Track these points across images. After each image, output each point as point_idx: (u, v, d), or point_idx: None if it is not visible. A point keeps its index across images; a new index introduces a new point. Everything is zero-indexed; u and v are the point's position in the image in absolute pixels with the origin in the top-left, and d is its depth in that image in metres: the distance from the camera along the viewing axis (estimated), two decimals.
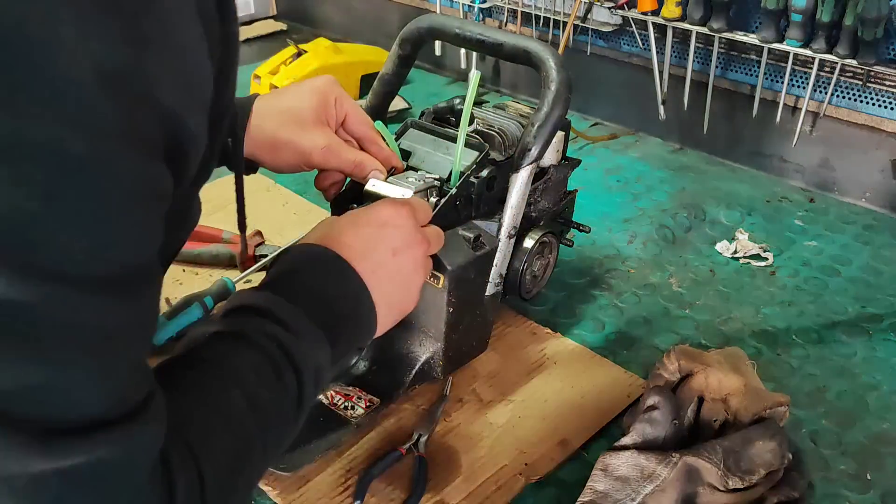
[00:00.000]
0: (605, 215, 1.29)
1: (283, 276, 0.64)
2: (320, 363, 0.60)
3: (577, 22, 1.53)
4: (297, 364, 0.57)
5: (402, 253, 0.70)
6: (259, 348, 0.56)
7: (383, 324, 0.69)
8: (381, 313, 0.68)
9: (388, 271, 0.68)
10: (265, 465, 0.57)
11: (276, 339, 0.57)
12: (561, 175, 0.99)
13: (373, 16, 2.02)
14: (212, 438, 0.51)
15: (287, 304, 0.60)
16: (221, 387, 0.54)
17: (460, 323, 0.87)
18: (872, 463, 0.84)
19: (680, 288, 1.12)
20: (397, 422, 0.87)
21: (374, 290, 0.66)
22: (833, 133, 1.35)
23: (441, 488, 0.79)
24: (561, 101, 0.85)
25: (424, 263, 0.73)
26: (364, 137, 0.87)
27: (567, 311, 1.07)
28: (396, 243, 0.69)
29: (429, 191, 0.84)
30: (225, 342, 0.57)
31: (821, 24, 1.22)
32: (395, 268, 0.69)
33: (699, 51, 1.42)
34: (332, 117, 0.86)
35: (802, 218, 1.30)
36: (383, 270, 0.68)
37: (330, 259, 0.65)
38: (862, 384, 0.95)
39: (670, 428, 0.78)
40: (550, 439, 0.86)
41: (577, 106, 1.64)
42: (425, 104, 1.00)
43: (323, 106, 0.85)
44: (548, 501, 0.80)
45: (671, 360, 0.86)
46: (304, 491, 0.79)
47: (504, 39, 0.88)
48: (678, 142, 1.54)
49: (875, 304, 1.09)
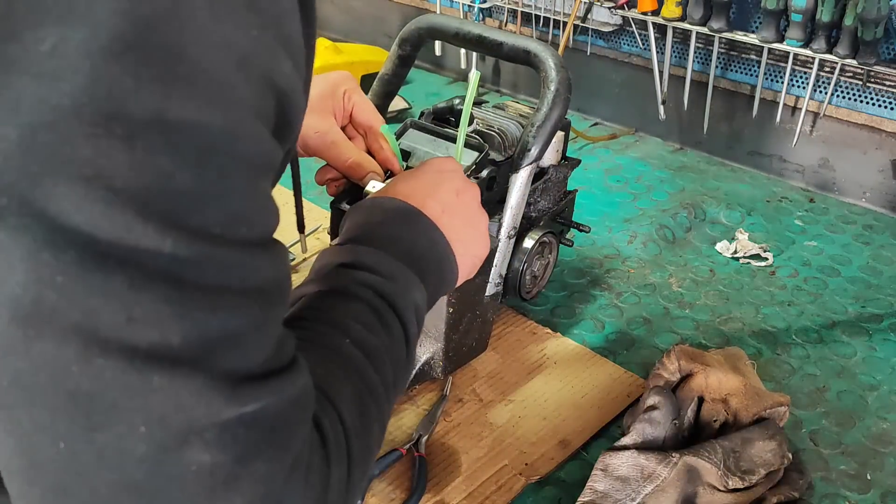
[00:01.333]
0: (605, 215, 1.29)
1: (356, 228, 0.65)
2: (417, 301, 0.62)
3: (577, 22, 1.53)
4: (397, 306, 0.59)
5: (464, 192, 0.71)
6: (357, 299, 0.58)
7: (463, 265, 0.70)
8: (458, 252, 0.68)
9: (455, 211, 0.69)
10: (390, 404, 0.59)
11: (372, 287, 0.59)
12: (561, 175, 0.99)
13: (373, 16, 2.02)
14: (338, 385, 0.53)
15: (371, 251, 0.61)
16: (331, 341, 0.55)
17: (460, 323, 0.87)
18: (872, 463, 0.85)
19: (680, 288, 1.12)
20: (397, 422, 0.87)
21: (446, 230, 0.67)
22: (833, 133, 1.35)
23: (441, 488, 0.79)
24: (561, 101, 0.85)
25: (480, 203, 0.74)
26: (369, 131, 0.87)
27: (567, 311, 1.07)
28: (458, 184, 0.71)
29: None
30: (323, 300, 0.59)
31: (821, 24, 1.22)
32: (462, 207, 0.70)
33: (699, 51, 1.42)
34: (340, 108, 0.86)
35: (802, 218, 1.30)
36: (452, 210, 0.69)
37: (397, 205, 0.67)
38: (862, 384, 0.95)
39: (670, 428, 0.78)
40: (550, 439, 0.86)
41: (577, 106, 1.64)
42: (425, 104, 1.00)
43: (330, 95, 0.85)
44: (548, 501, 0.80)
45: (671, 360, 0.86)
46: None
47: (504, 39, 0.88)
48: (678, 142, 1.54)
49: (875, 304, 1.09)
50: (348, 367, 0.55)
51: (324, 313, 0.57)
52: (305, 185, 1.35)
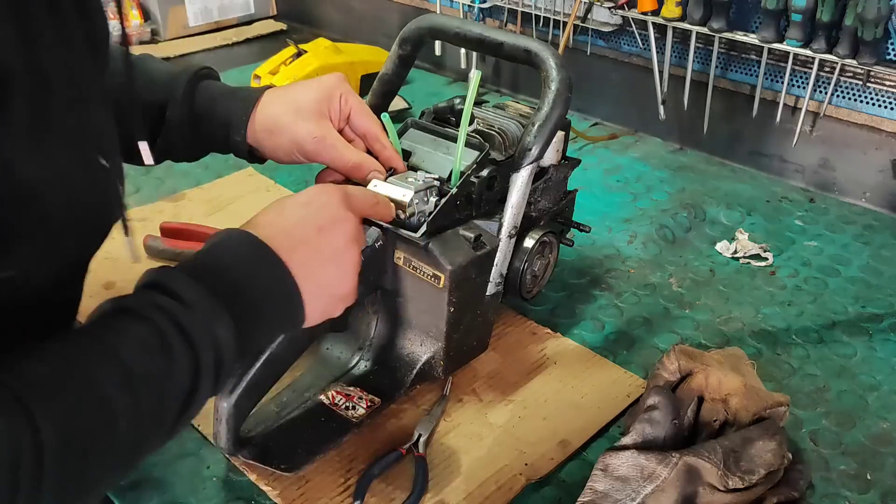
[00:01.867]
0: (605, 215, 1.29)
1: (195, 254, 0.64)
2: (219, 336, 0.58)
3: (577, 22, 1.53)
4: (191, 335, 0.56)
5: (329, 229, 0.68)
6: (144, 319, 0.55)
7: (315, 306, 0.67)
8: (309, 291, 0.65)
9: (314, 248, 0.66)
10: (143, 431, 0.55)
11: (166, 311, 0.56)
12: (561, 175, 0.99)
13: (373, 16, 2.02)
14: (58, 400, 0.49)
15: (183, 277, 0.59)
16: (91, 359, 0.53)
17: (461, 323, 0.87)
18: (872, 463, 0.85)
19: (680, 288, 1.12)
20: (397, 422, 0.87)
21: (297, 268, 0.64)
22: (833, 133, 1.35)
23: (441, 488, 0.79)
24: (561, 100, 0.85)
25: (356, 238, 0.71)
26: (368, 134, 0.87)
27: (567, 311, 1.07)
28: (323, 220, 0.68)
29: (429, 191, 0.84)
30: (112, 316, 0.56)
31: (821, 24, 1.22)
32: (323, 244, 0.67)
33: (699, 51, 1.42)
34: (336, 111, 0.86)
35: (802, 218, 1.30)
36: (308, 248, 0.66)
37: (242, 238, 0.64)
38: (862, 384, 0.95)
39: (670, 428, 0.78)
40: (550, 439, 0.86)
41: (577, 106, 1.64)
42: (425, 104, 1.00)
43: (326, 99, 0.86)
44: (548, 501, 0.80)
45: (671, 360, 0.86)
46: (304, 491, 0.79)
47: (504, 39, 0.88)
48: (678, 142, 1.54)
49: (875, 304, 1.09)
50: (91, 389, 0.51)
51: (103, 330, 0.55)
52: (304, 184, 1.35)
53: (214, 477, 0.81)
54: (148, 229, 1.15)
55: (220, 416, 0.75)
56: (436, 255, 0.81)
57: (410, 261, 0.84)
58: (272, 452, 0.79)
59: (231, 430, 0.76)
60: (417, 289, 0.85)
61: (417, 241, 0.82)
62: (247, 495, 0.79)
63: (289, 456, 0.79)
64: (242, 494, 0.79)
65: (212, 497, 0.79)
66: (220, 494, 0.79)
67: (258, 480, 0.80)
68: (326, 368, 0.90)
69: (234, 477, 0.81)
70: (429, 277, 0.83)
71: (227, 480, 0.81)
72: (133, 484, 0.80)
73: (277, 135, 0.85)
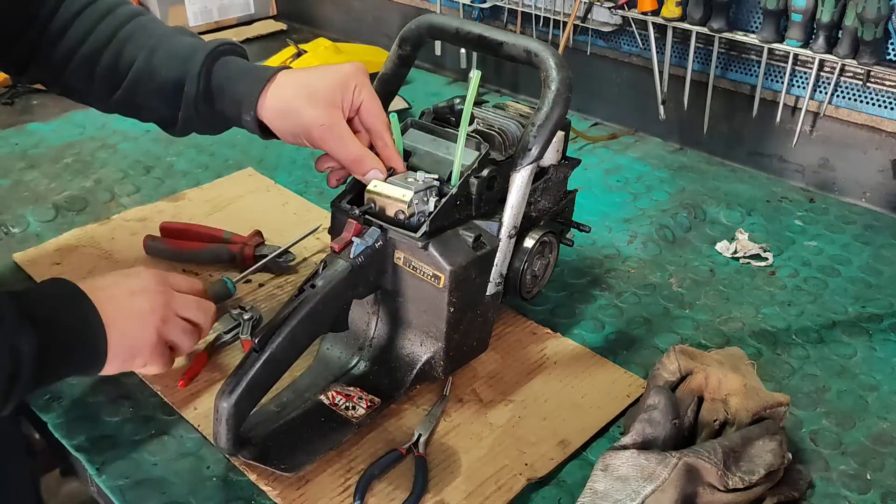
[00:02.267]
0: (605, 215, 1.29)
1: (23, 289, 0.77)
2: (21, 348, 0.68)
3: (577, 22, 1.53)
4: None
5: (139, 294, 0.81)
6: None
7: (116, 352, 0.77)
8: (113, 337, 0.76)
9: (122, 304, 0.79)
10: None
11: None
12: (561, 175, 0.99)
13: (373, 16, 2.02)
14: None
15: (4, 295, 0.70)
16: None
17: (461, 322, 0.87)
18: (872, 463, 0.85)
19: (680, 288, 1.12)
20: (397, 422, 0.87)
21: (107, 315, 0.76)
22: (833, 133, 1.35)
23: (441, 488, 0.79)
24: (561, 100, 0.85)
25: (162, 308, 0.82)
26: (373, 130, 0.87)
27: (567, 311, 1.07)
28: (135, 287, 0.81)
29: (428, 191, 0.84)
30: None
31: (821, 24, 1.22)
32: (131, 303, 0.80)
33: (699, 51, 1.42)
34: (348, 101, 0.86)
35: (802, 218, 1.30)
36: (119, 302, 0.78)
37: (63, 282, 0.77)
38: (862, 384, 0.95)
39: (670, 428, 0.78)
40: (550, 439, 0.86)
41: (577, 106, 1.64)
42: (425, 104, 1.00)
43: (340, 88, 0.85)
44: (548, 501, 0.80)
45: (671, 360, 0.86)
46: (304, 491, 0.79)
47: (504, 39, 0.88)
48: (678, 142, 1.54)
49: (875, 304, 1.09)
50: None
51: None
52: (304, 184, 1.35)
53: (214, 477, 0.81)
54: (148, 229, 1.15)
55: (220, 416, 0.75)
56: (436, 255, 0.82)
57: (410, 261, 0.84)
58: (272, 452, 0.79)
59: (231, 430, 0.76)
60: (417, 289, 0.85)
61: (417, 241, 0.82)
62: (247, 495, 0.79)
63: (289, 456, 0.79)
64: (242, 494, 0.79)
65: (212, 497, 0.79)
66: (220, 494, 0.79)
67: (258, 480, 0.80)
68: (326, 368, 0.90)
69: (234, 477, 0.81)
70: (429, 277, 0.83)
71: (227, 480, 0.81)
72: (133, 484, 0.80)
73: (286, 117, 0.86)
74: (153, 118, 0.94)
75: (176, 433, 0.86)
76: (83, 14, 0.91)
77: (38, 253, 1.14)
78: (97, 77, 0.91)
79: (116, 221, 1.21)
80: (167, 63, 0.88)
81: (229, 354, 0.96)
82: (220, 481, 0.81)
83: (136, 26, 0.92)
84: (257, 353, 0.76)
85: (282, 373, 0.80)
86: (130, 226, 1.20)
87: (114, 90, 0.91)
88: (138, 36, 0.91)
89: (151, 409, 0.89)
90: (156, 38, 0.91)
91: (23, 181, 1.34)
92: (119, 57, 0.90)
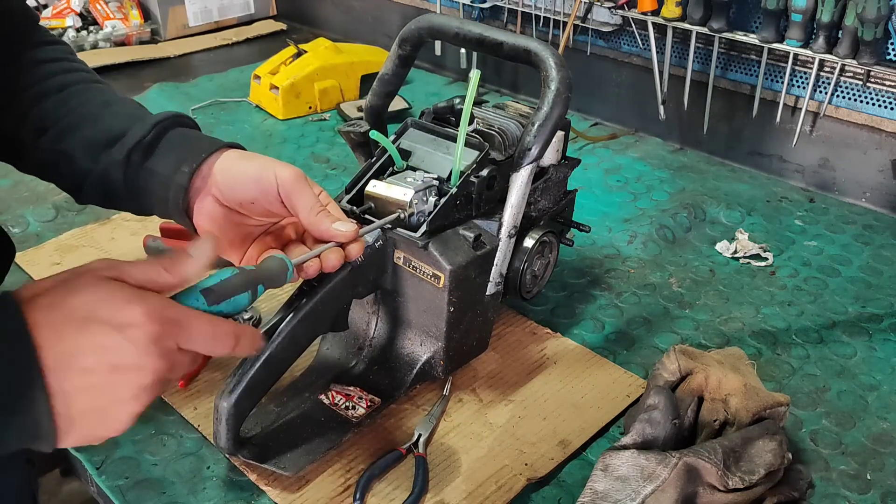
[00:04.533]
0: (605, 215, 1.29)
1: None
2: None
3: (577, 22, 1.53)
4: None
5: (124, 373, 0.54)
6: None
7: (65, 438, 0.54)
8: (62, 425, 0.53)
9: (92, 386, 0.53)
10: None
11: None
12: (561, 175, 0.99)
13: (373, 16, 2.02)
14: None
15: None
16: None
17: (461, 322, 0.87)
18: (872, 463, 0.85)
19: (680, 288, 1.12)
20: (397, 422, 0.87)
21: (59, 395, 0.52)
22: (833, 133, 1.35)
23: (441, 488, 0.79)
24: (561, 100, 0.85)
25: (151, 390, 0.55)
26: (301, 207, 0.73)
27: (567, 311, 1.07)
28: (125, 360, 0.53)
29: (428, 190, 0.84)
30: None
31: (821, 24, 1.22)
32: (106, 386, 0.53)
33: (699, 51, 1.42)
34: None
35: (802, 218, 1.30)
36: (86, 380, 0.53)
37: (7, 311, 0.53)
38: (862, 384, 0.95)
39: (670, 428, 0.78)
40: (550, 439, 0.86)
41: (577, 106, 1.64)
42: (425, 104, 1.00)
43: None
44: (548, 501, 0.80)
45: (671, 360, 0.86)
46: (304, 491, 0.79)
47: (504, 39, 0.88)
48: (678, 142, 1.54)
49: (875, 304, 1.09)
50: None
51: None
52: None
53: (214, 477, 0.81)
54: (148, 229, 1.15)
55: (220, 416, 0.75)
56: (436, 255, 0.82)
57: (410, 261, 0.84)
58: (272, 452, 0.79)
59: (231, 430, 0.76)
60: (417, 288, 0.85)
61: (417, 240, 0.82)
62: (247, 495, 0.79)
63: (289, 456, 0.79)
64: (242, 494, 0.79)
65: (212, 497, 0.79)
66: (220, 494, 0.79)
67: (258, 480, 0.80)
68: (326, 368, 0.90)
69: (234, 477, 0.81)
70: (429, 277, 0.83)
71: (227, 480, 0.81)
72: (133, 484, 0.80)
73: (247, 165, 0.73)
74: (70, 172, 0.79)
75: (176, 433, 0.86)
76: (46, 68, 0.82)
77: (38, 253, 1.14)
78: (32, 115, 0.80)
79: (116, 221, 1.21)
80: (118, 113, 0.79)
81: None
82: (220, 481, 0.81)
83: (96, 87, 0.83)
84: (257, 353, 0.76)
85: (282, 372, 0.80)
86: (130, 226, 1.20)
87: (44, 131, 0.79)
88: (95, 93, 0.82)
89: (151, 409, 0.89)
90: (116, 98, 0.82)
91: (23, 181, 1.34)
92: (64, 103, 0.80)
